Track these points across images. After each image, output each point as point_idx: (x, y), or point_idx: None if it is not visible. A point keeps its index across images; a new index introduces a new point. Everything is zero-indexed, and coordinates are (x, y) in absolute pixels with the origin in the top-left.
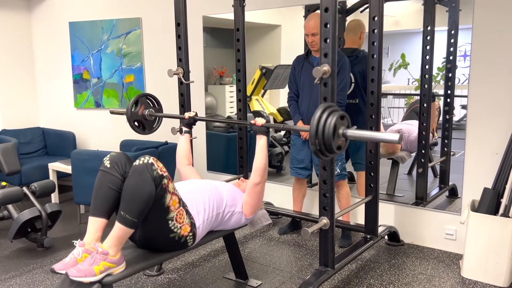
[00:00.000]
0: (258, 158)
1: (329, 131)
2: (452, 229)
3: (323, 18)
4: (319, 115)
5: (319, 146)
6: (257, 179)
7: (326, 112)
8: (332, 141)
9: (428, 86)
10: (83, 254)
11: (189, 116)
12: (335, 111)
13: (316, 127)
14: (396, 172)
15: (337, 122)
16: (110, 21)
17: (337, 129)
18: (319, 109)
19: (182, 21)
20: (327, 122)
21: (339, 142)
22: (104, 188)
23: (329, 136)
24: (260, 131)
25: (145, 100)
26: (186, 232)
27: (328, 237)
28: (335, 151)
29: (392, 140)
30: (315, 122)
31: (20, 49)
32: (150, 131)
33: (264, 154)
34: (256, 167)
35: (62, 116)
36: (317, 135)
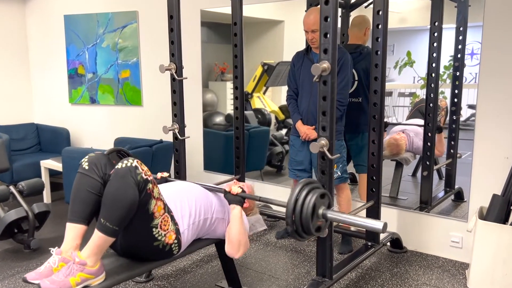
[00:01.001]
0: (232, 230)
1: (308, 211)
2: (458, 237)
3: (323, 11)
4: (297, 193)
5: (296, 227)
6: (233, 253)
7: (306, 190)
8: (311, 223)
9: (434, 85)
10: (59, 263)
11: (161, 177)
12: (315, 188)
13: (294, 206)
14: (400, 174)
15: (316, 201)
16: (106, 14)
17: (317, 209)
18: (298, 186)
19: (175, 13)
20: (306, 200)
21: (319, 223)
22: (83, 192)
23: (307, 217)
24: (235, 200)
25: (115, 156)
26: (171, 240)
27: (326, 245)
28: (313, 233)
29: (376, 228)
30: (292, 200)
31: (14, 43)
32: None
33: (240, 225)
34: (231, 240)
35: (56, 112)
36: (294, 215)
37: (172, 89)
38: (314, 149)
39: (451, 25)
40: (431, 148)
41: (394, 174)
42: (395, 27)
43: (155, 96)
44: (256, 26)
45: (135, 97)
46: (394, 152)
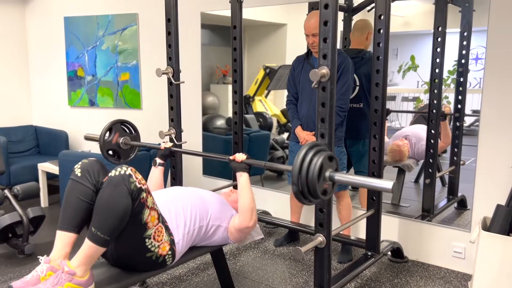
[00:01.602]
0: (242, 198)
1: (314, 172)
2: (460, 247)
3: (323, 15)
4: (304, 154)
5: (302, 188)
6: (246, 223)
7: (312, 151)
8: (317, 184)
9: (438, 91)
10: (47, 272)
11: (164, 147)
12: (322, 150)
13: (300, 167)
14: (402, 181)
15: (324, 163)
16: (106, 16)
17: (324, 171)
18: (304, 147)
19: (172, 16)
20: (312, 162)
21: (325, 186)
22: (74, 200)
23: (313, 179)
24: (240, 168)
25: (119, 127)
26: (164, 251)
27: (324, 256)
28: (320, 196)
29: (385, 188)
30: (299, 161)
31: (14, 44)
32: (126, 160)
33: (248, 193)
34: (242, 209)
35: (55, 114)
36: (300, 176)
37: (169, 94)
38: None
39: (456, 29)
40: (434, 155)
41: (396, 180)
42: (399, 31)
43: (155, 100)
44: (259, 29)
45: (134, 100)
46: (396, 159)
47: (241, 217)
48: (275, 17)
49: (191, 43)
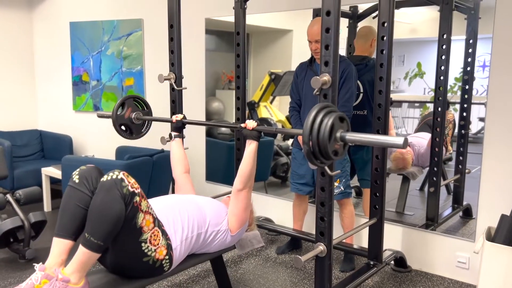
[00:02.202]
0: (244, 164)
1: (325, 132)
2: (464, 257)
3: (325, 22)
4: (315, 114)
5: (313, 148)
6: (239, 185)
7: (323, 112)
8: (328, 144)
9: (442, 98)
10: (42, 280)
11: (176, 120)
12: (333, 111)
13: (311, 127)
14: (407, 188)
15: (335, 122)
16: (111, 22)
17: (335, 131)
18: (315, 108)
19: (175, 22)
20: (323, 122)
21: (336, 146)
22: (71, 206)
23: (324, 138)
24: (251, 135)
25: (132, 102)
26: (161, 256)
27: (325, 265)
28: (331, 156)
29: (397, 143)
30: (310, 120)
31: (21, 49)
32: (138, 136)
33: (252, 160)
34: (241, 172)
35: (60, 119)
36: (312, 136)
37: (171, 99)
38: (313, 165)
39: (462, 36)
40: (438, 163)
41: (400, 188)
42: (405, 37)
43: (159, 105)
44: (265, 35)
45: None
46: (400, 166)
47: (237, 180)
48: (281, 23)
49: (195, 49)
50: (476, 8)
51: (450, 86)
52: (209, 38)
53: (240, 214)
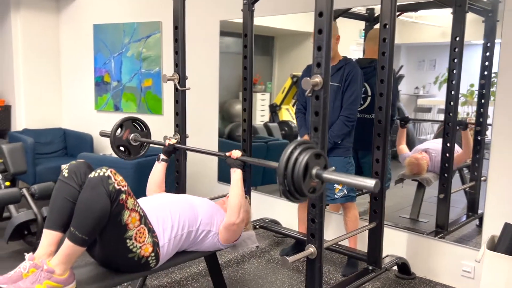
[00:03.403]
0: (232, 195)
1: (300, 170)
2: (469, 266)
3: (317, 23)
4: (290, 151)
5: (288, 187)
6: (232, 218)
7: (299, 149)
8: (302, 183)
9: (454, 103)
10: (30, 269)
11: (168, 144)
12: (309, 148)
13: (285, 165)
14: (422, 195)
15: (310, 160)
16: (132, 24)
17: (310, 168)
18: (291, 145)
19: (180, 24)
20: (298, 160)
21: (312, 183)
22: (60, 200)
23: (299, 176)
24: (235, 164)
25: (130, 124)
26: (147, 253)
27: (315, 268)
28: (306, 194)
29: (367, 186)
30: (284, 158)
31: (48, 50)
32: (136, 157)
33: (239, 190)
34: (231, 204)
35: (83, 118)
36: (286, 174)
37: (175, 99)
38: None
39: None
40: (449, 170)
41: (415, 195)
42: (436, 41)
43: None
44: (289, 38)
45: (156, 106)
46: (414, 172)
47: (229, 213)
48: (304, 26)
49: (210, 51)
50: (494, 10)
51: (472, 92)
52: (234, 40)
53: (231, 240)
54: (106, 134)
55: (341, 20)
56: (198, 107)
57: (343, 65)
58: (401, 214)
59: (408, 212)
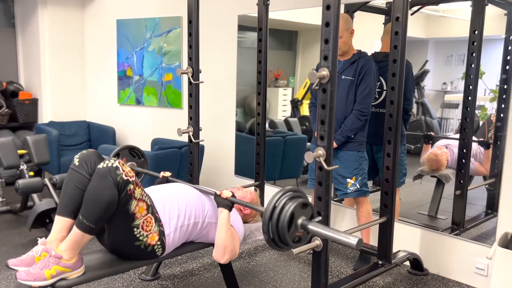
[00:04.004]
0: (219, 235)
1: (285, 220)
2: (483, 263)
3: (324, 16)
4: (276, 200)
5: (272, 236)
6: (219, 258)
7: (285, 198)
8: (287, 233)
9: (472, 98)
10: (42, 253)
11: (162, 176)
12: (296, 197)
13: (270, 214)
14: (441, 192)
15: (295, 210)
16: (153, 19)
17: (295, 218)
18: (278, 193)
19: (194, 18)
20: (284, 209)
21: (298, 233)
22: (71, 187)
23: (283, 227)
24: (223, 204)
25: (127, 152)
26: (153, 241)
27: (321, 260)
28: (291, 244)
29: (350, 244)
30: (270, 208)
31: (73, 45)
32: None
33: (226, 230)
34: (217, 244)
35: (106, 111)
36: (271, 223)
37: (189, 93)
38: (308, 158)
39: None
40: (466, 166)
41: (434, 191)
42: (465, 36)
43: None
44: (312, 32)
45: (176, 100)
46: (433, 168)
47: (215, 251)
48: None
49: (228, 45)
50: None
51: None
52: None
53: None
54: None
55: (364, 14)
56: (215, 101)
57: (356, 59)
58: (420, 210)
59: (427, 209)
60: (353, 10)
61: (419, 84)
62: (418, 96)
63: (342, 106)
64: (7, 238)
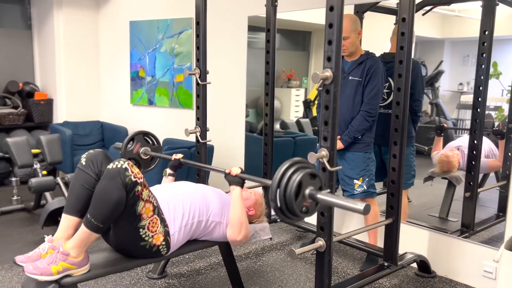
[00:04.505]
0: (233, 212)
1: (292, 189)
2: (491, 266)
3: (328, 17)
4: (284, 169)
5: (280, 204)
6: (234, 236)
7: (293, 168)
8: (294, 202)
9: (482, 99)
10: (48, 250)
11: (174, 158)
12: (304, 168)
13: (278, 183)
14: (452, 193)
15: (303, 180)
16: (165, 20)
17: (303, 188)
18: (286, 163)
19: (201, 20)
20: (291, 178)
21: (305, 204)
22: (78, 187)
23: (291, 196)
24: (234, 181)
25: (141, 138)
26: (158, 242)
27: (325, 261)
28: (298, 214)
29: (357, 209)
30: (278, 177)
31: (88, 46)
32: (146, 170)
33: (240, 206)
34: (233, 221)
35: (119, 111)
36: (279, 192)
37: (196, 93)
38: (311, 159)
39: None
40: (476, 167)
41: (445, 193)
42: None
43: None
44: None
45: (187, 101)
46: (444, 170)
47: (230, 229)
48: None
49: (238, 47)
50: None
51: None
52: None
53: (237, 244)
54: (118, 147)
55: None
56: (225, 102)
57: (364, 60)
58: (431, 212)
59: (436, 211)
60: (363, 11)
61: (433, 85)
62: (432, 97)
63: (350, 106)
64: (20, 236)
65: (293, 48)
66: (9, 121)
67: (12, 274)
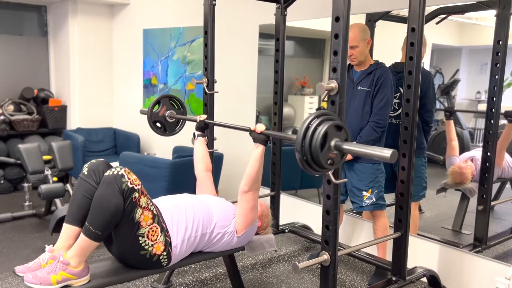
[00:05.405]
0: (250, 167)
1: (318, 140)
2: (504, 283)
3: (334, 28)
4: (310, 121)
5: (305, 156)
6: (245, 187)
7: (319, 119)
8: (320, 152)
9: (495, 110)
10: (48, 260)
11: (199, 120)
12: (330, 119)
13: (304, 134)
14: (465, 206)
15: (329, 131)
16: (178, 28)
17: (329, 139)
18: (311, 115)
19: (209, 29)
20: (317, 129)
21: (331, 155)
22: (79, 196)
23: (316, 146)
24: (259, 139)
25: (167, 101)
26: (159, 251)
27: (329, 275)
28: (324, 165)
29: (384, 157)
30: (304, 127)
31: (101, 54)
32: (171, 133)
33: (258, 163)
34: (247, 175)
35: (131, 118)
36: (304, 143)
37: (204, 102)
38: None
39: None
40: (489, 180)
41: (458, 205)
42: None
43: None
44: None
45: (198, 108)
46: (457, 181)
47: (243, 182)
48: None
49: (249, 55)
50: None
51: None
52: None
53: (246, 215)
54: (144, 111)
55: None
56: (235, 110)
57: (373, 70)
58: (444, 224)
59: (449, 223)
60: (375, 20)
61: (449, 94)
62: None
63: (358, 117)
64: (30, 242)
65: (307, 56)
66: (23, 127)
67: (18, 281)
